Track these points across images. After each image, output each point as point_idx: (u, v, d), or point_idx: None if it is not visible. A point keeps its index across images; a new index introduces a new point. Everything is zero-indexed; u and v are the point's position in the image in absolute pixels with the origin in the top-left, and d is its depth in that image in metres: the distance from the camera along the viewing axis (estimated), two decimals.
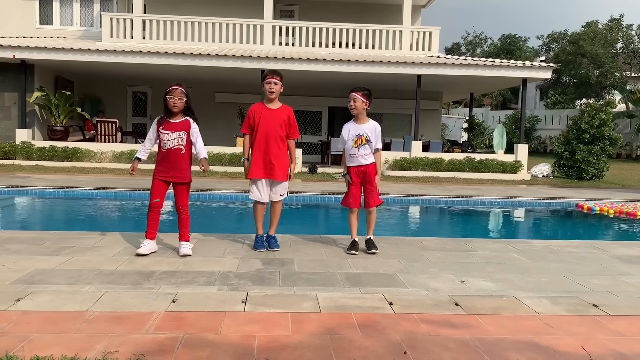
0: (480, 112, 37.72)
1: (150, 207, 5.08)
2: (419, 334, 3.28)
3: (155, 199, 5.05)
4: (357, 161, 5.36)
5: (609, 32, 33.59)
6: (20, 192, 10.07)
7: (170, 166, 5.01)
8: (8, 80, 16.06)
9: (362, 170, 5.37)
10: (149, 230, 5.08)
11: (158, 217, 5.12)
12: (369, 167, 5.37)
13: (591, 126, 15.99)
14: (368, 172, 5.36)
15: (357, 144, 5.33)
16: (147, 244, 5.04)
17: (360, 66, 15.37)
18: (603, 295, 4.21)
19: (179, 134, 4.99)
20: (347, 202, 5.46)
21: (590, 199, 11.11)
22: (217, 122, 18.70)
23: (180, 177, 5.05)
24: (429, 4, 20.31)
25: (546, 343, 3.21)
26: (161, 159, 5.05)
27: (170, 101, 4.94)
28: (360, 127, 5.37)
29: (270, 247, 5.38)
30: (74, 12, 18.70)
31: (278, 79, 5.23)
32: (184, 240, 5.13)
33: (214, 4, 18.85)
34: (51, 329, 3.16)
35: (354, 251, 5.36)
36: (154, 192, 5.06)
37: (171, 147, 4.98)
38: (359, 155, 5.35)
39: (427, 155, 16.01)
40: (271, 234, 5.46)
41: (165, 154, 5.01)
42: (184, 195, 5.10)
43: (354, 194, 5.41)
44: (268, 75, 5.26)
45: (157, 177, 5.06)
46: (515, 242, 6.31)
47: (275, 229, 5.49)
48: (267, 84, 5.23)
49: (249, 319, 3.42)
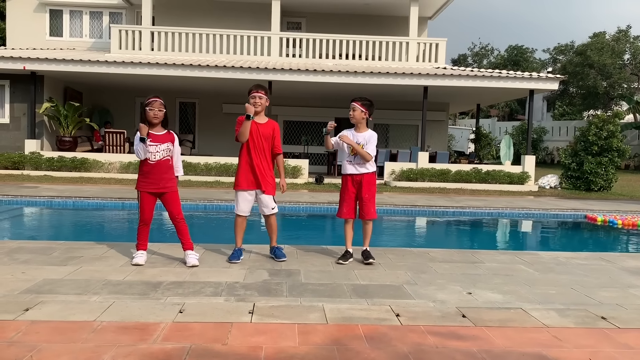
0: (487, 123, 37.69)
1: (143, 222, 5.09)
2: (426, 345, 3.27)
3: (147, 214, 5.06)
4: (354, 169, 5.38)
5: (616, 43, 33.53)
6: (29, 202, 10.14)
7: (159, 177, 5.01)
8: (18, 91, 16.23)
9: (357, 180, 5.38)
10: (141, 243, 5.14)
11: (149, 229, 5.17)
12: (365, 177, 5.37)
13: (599, 137, 15.93)
14: (364, 182, 5.36)
15: (354, 152, 5.35)
16: (142, 254, 5.09)
17: (366, 77, 15.42)
18: (612, 307, 4.18)
19: (167, 145, 5.03)
20: (342, 212, 5.45)
21: (599, 210, 11.04)
22: (224, 132, 18.78)
23: (170, 187, 5.07)
24: (435, 15, 20.39)
25: (554, 356, 3.19)
26: (148, 171, 4.99)
27: (151, 112, 4.93)
28: (357, 136, 5.40)
29: (277, 258, 5.39)
30: (84, 24, 18.93)
31: (263, 92, 5.23)
32: (188, 249, 5.15)
33: (222, 16, 19.01)
34: (59, 338, 3.18)
35: (342, 261, 5.36)
36: (145, 207, 5.04)
37: (160, 159, 5.00)
38: (355, 163, 5.37)
39: (434, 166, 15.99)
40: (274, 245, 5.49)
41: (154, 165, 4.98)
42: (176, 203, 5.11)
43: (348, 204, 5.41)
44: (252, 89, 5.25)
45: (146, 190, 5.02)
46: (522, 254, 6.28)
47: (275, 240, 5.51)
48: (252, 99, 5.21)
49: (256, 330, 3.42)
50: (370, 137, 5.40)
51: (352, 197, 5.41)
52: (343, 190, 5.47)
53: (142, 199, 5.03)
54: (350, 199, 5.41)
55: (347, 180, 5.42)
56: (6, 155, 15.00)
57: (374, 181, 5.43)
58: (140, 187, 5.04)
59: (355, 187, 5.40)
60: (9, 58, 14.88)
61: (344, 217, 5.46)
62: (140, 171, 5.07)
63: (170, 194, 5.08)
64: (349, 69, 15.67)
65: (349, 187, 5.40)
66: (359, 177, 5.37)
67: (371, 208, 5.39)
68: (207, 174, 15.23)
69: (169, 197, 5.08)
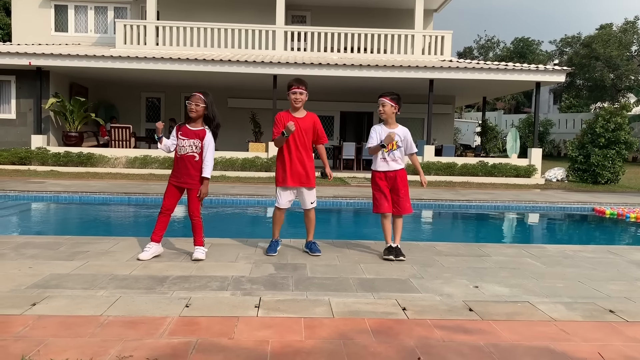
0: (493, 115, 37.48)
1: (161, 210, 5.14)
2: (433, 339, 3.26)
3: (166, 201, 5.10)
4: (388, 166, 5.33)
5: (623, 35, 33.24)
6: (35, 198, 10.19)
7: (182, 172, 5.04)
8: (24, 87, 16.28)
9: (391, 176, 5.33)
10: (156, 232, 5.11)
11: (168, 220, 5.17)
12: (399, 173, 5.34)
13: (606, 130, 15.83)
14: (398, 178, 5.32)
15: (388, 149, 5.31)
16: (149, 248, 5.07)
17: (372, 71, 15.37)
18: (620, 301, 4.15)
19: (193, 141, 5.01)
20: (383, 207, 5.31)
21: (606, 203, 10.98)
22: (229, 127, 18.75)
23: (191, 183, 5.06)
24: (441, 8, 20.27)
25: (562, 349, 3.17)
26: (175, 164, 5.11)
27: (189, 106, 5.00)
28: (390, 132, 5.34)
29: (312, 252, 5.40)
30: (89, 20, 18.94)
31: (303, 88, 5.27)
32: (198, 245, 5.16)
33: (226, 10, 18.97)
34: (66, 333, 3.19)
35: (391, 257, 5.26)
36: (166, 196, 5.12)
37: (185, 154, 5.02)
38: (389, 159, 5.33)
39: (440, 160, 15.95)
40: (310, 240, 5.50)
41: (179, 159, 5.05)
42: (195, 201, 5.11)
43: (387, 199, 5.32)
44: (293, 85, 5.26)
45: (171, 182, 5.13)
46: (529, 247, 6.24)
47: (312, 235, 5.52)
48: (292, 94, 5.25)
49: (262, 324, 3.42)
50: (405, 132, 5.41)
51: (388, 192, 5.35)
52: (377, 187, 5.36)
53: (167, 188, 5.13)
54: (387, 194, 5.33)
55: (381, 177, 5.34)
56: (13, 151, 15.07)
57: (406, 176, 5.41)
58: (169, 177, 5.16)
59: (389, 183, 5.35)
60: (14, 54, 14.91)
61: (384, 212, 5.32)
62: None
63: (193, 192, 5.07)
64: (354, 62, 15.62)
65: (383, 183, 5.33)
66: (392, 173, 5.33)
67: (407, 203, 5.36)
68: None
69: (191, 195, 5.10)
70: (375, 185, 5.40)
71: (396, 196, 5.34)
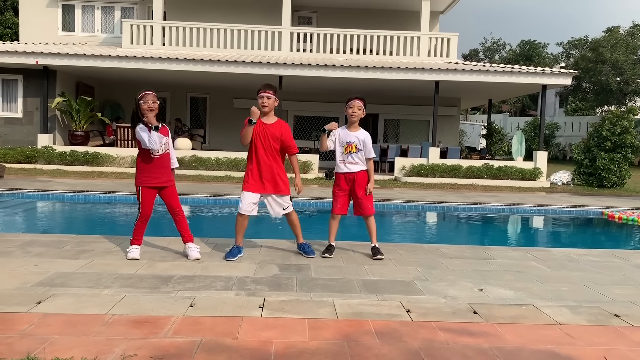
0: (498, 118, 37.38)
1: (144, 218, 5.03)
2: (437, 342, 3.26)
3: (149, 209, 5.01)
4: (347, 168, 5.37)
5: (630, 39, 33.09)
6: (41, 196, 10.23)
7: (163, 171, 5.01)
8: (31, 86, 16.37)
9: (350, 178, 5.37)
10: (137, 238, 5.08)
11: (146, 225, 5.14)
12: (358, 175, 5.36)
13: (612, 133, 15.77)
14: (357, 180, 5.35)
15: (348, 151, 5.34)
16: (136, 249, 5.06)
17: (377, 72, 15.36)
18: (625, 305, 4.13)
19: (167, 139, 5.04)
20: (336, 208, 5.43)
21: (612, 207, 10.93)
22: (235, 127, 18.80)
23: (171, 180, 5.09)
24: (447, 10, 20.25)
25: (567, 353, 3.16)
26: (152, 166, 4.94)
27: (145, 105, 4.84)
28: (350, 135, 5.37)
29: (306, 254, 5.39)
30: (95, 19, 19.02)
31: (271, 92, 5.07)
32: (189, 241, 5.16)
33: (233, 11, 19.01)
34: (71, 331, 3.20)
35: (327, 254, 5.36)
36: (146, 202, 4.97)
37: (165, 152, 5.02)
38: (347, 162, 5.36)
39: (445, 162, 15.92)
40: (301, 242, 5.48)
41: (157, 159, 4.96)
42: (176, 197, 5.12)
43: (340, 201, 5.41)
44: (261, 89, 5.10)
45: (148, 185, 4.96)
46: (534, 250, 6.23)
47: (301, 236, 5.48)
48: (259, 98, 5.08)
49: (266, 325, 3.43)
50: (366, 136, 5.40)
51: (346, 195, 5.42)
52: (336, 188, 5.46)
53: (144, 194, 4.96)
54: (343, 196, 5.42)
55: (340, 179, 5.41)
56: (19, 150, 15.14)
57: (366, 178, 5.40)
58: (142, 182, 4.96)
59: (348, 185, 5.39)
60: (22, 53, 15.00)
61: (337, 213, 5.43)
62: (140, 167, 4.98)
63: (171, 188, 5.09)
64: (360, 63, 15.61)
65: (342, 185, 5.40)
66: (351, 175, 5.37)
67: (368, 204, 5.38)
68: (217, 169, 15.27)
69: (170, 191, 5.07)
70: (336, 186, 5.47)
71: (356, 198, 5.38)
